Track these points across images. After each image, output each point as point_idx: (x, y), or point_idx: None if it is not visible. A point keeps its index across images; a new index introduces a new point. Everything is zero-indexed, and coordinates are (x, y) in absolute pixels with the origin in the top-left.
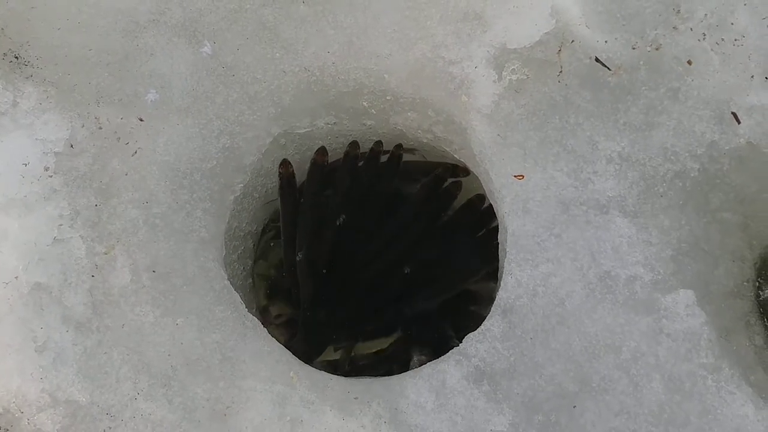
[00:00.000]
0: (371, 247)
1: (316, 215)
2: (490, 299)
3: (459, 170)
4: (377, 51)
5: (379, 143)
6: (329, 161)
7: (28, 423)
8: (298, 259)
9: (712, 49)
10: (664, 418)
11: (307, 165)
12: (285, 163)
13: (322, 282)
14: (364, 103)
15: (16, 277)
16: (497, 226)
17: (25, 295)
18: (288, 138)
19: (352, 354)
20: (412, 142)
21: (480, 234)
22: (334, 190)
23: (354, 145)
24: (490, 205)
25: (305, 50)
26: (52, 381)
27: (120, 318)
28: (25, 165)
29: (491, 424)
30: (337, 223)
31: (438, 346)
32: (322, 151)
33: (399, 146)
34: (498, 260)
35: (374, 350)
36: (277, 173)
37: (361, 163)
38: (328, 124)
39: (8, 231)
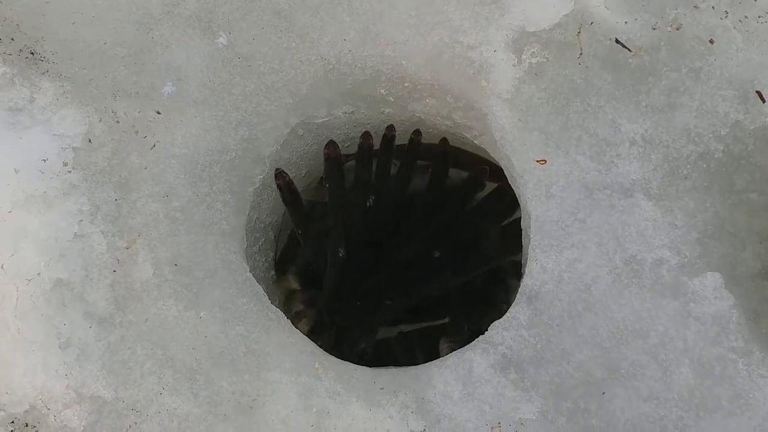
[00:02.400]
0: (400, 235)
1: (345, 209)
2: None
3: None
4: (394, 37)
5: (391, 127)
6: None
7: (55, 419)
8: (341, 256)
9: (734, 27)
10: (695, 403)
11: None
12: (280, 174)
13: (355, 274)
14: (382, 91)
15: (38, 274)
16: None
17: (48, 292)
18: (306, 128)
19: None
20: (431, 130)
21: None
22: (356, 182)
23: (366, 135)
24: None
25: (321, 38)
26: (76, 377)
27: (143, 312)
28: (44, 161)
29: (520, 412)
30: (367, 204)
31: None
32: (332, 145)
33: (417, 132)
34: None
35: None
36: (276, 185)
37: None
38: (346, 113)
39: (29, 228)
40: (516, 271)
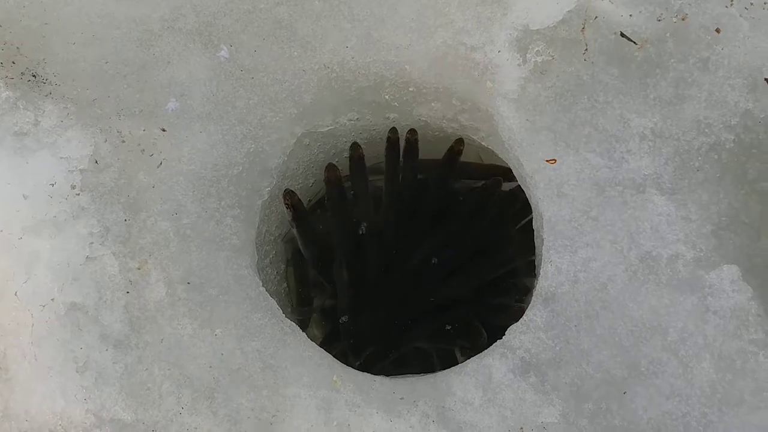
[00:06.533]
0: (411, 247)
1: (347, 228)
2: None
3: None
4: (396, 42)
5: (393, 130)
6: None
7: None
8: (345, 277)
9: (740, 15)
10: (717, 399)
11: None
12: (289, 194)
13: (363, 290)
14: (386, 97)
15: (52, 299)
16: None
17: (63, 317)
18: (311, 137)
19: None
20: (437, 132)
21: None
22: (354, 197)
23: (355, 146)
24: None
25: (323, 47)
26: (95, 401)
27: (158, 333)
28: (52, 185)
29: (542, 416)
30: (360, 232)
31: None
32: (332, 168)
33: (412, 131)
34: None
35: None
36: (284, 206)
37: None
38: (351, 120)
39: (40, 253)
40: (529, 270)
